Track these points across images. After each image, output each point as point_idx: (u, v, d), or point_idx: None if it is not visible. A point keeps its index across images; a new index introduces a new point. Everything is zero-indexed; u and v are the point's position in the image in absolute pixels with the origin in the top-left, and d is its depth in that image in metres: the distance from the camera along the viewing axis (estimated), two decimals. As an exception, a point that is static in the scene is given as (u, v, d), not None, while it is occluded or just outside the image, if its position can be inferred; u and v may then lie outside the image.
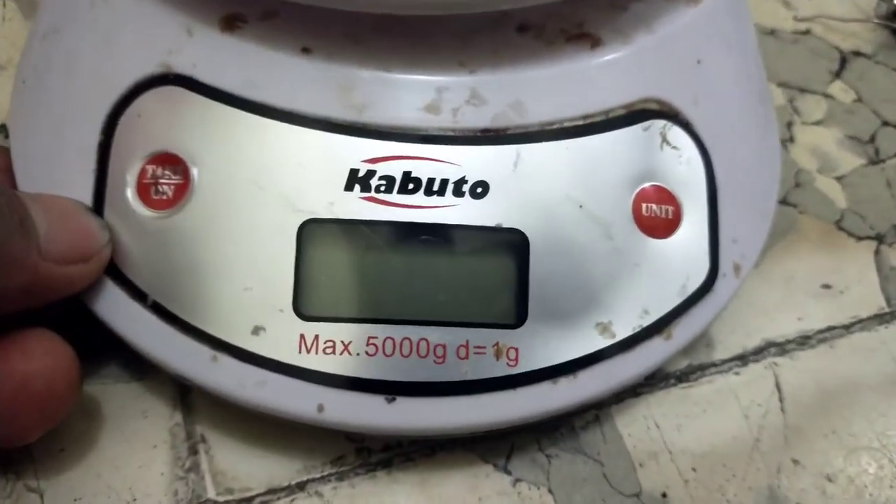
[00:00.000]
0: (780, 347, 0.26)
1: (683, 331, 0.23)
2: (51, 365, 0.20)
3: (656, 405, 0.25)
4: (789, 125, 0.32)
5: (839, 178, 0.30)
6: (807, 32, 0.35)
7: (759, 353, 0.26)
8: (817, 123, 0.32)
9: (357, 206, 0.21)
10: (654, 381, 0.25)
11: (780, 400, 0.25)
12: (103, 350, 0.24)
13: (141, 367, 0.24)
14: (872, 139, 0.32)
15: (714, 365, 0.26)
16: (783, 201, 0.29)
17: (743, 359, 0.26)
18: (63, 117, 0.23)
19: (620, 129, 0.23)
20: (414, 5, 0.20)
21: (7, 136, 0.24)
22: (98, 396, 0.24)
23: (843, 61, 0.34)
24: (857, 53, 0.35)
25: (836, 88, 0.33)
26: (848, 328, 0.27)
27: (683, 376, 0.26)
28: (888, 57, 0.35)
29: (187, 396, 0.24)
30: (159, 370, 0.24)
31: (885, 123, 0.32)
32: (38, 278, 0.18)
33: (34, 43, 0.24)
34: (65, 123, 0.23)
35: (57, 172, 0.23)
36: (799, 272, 0.28)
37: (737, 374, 0.26)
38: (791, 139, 0.31)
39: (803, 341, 0.26)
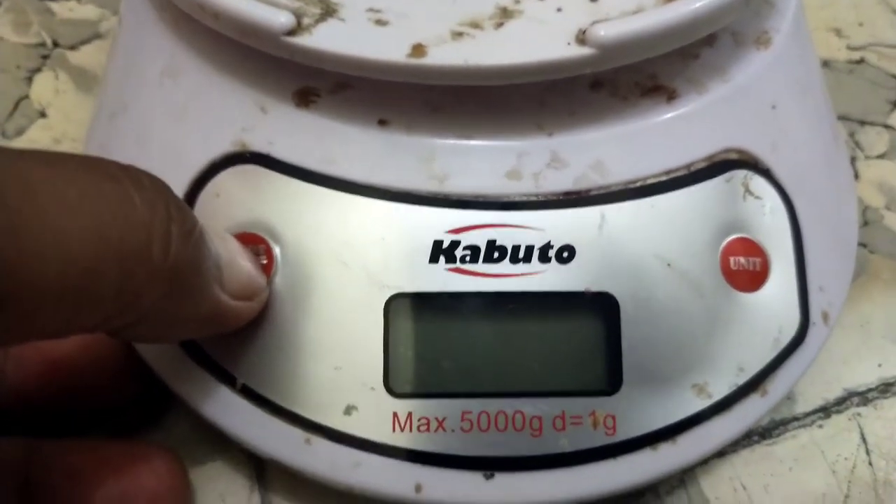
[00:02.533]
0: (862, 396, 0.27)
1: (778, 385, 0.23)
2: (175, 483, 0.21)
3: (741, 465, 0.25)
4: (853, 160, 0.32)
5: (909, 214, 0.31)
6: (861, 62, 0.36)
7: (840, 403, 0.27)
8: (881, 157, 0.33)
9: (443, 279, 0.22)
10: (738, 439, 0.26)
11: (867, 452, 0.26)
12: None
13: (214, 447, 0.25)
14: (938, 170, 0.32)
15: (796, 419, 0.26)
16: (855, 241, 0.30)
17: (825, 410, 0.26)
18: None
19: (703, 182, 0.23)
20: (489, 76, 0.21)
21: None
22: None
23: (900, 90, 0.35)
24: (914, 81, 0.35)
25: (896, 119, 0.34)
26: (932, 373, 0.27)
27: (766, 432, 0.26)
28: (945, 82, 0.35)
29: (263, 475, 0.25)
30: (233, 449, 0.24)
31: (951, 153, 0.33)
32: (218, 310, 0.19)
33: (101, 122, 0.25)
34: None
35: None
36: (874, 316, 0.28)
37: (820, 427, 0.26)
38: (856, 175, 0.32)
39: (885, 389, 0.27)
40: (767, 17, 0.26)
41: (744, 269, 0.23)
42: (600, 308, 0.22)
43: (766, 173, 0.24)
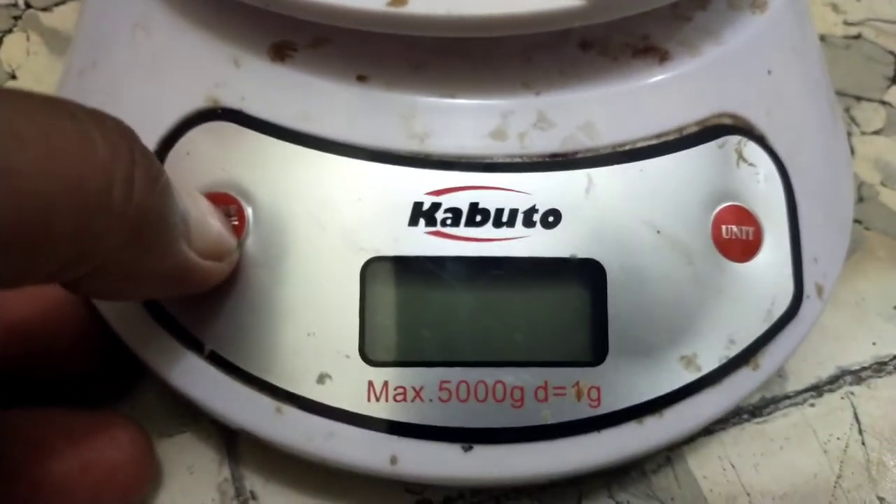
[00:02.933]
0: (856, 375, 0.26)
1: (770, 359, 0.22)
2: (137, 455, 0.21)
3: (731, 444, 0.25)
4: (849, 136, 0.32)
5: (906, 191, 0.30)
6: (858, 37, 0.35)
7: (833, 382, 0.26)
8: (877, 133, 0.32)
9: (423, 242, 0.21)
10: (726, 417, 0.25)
11: (860, 432, 0.25)
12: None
13: (182, 419, 0.24)
14: (936, 147, 0.32)
15: (788, 397, 0.26)
16: (850, 217, 0.29)
17: (818, 389, 0.26)
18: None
19: (695, 147, 0.23)
20: (472, 27, 0.20)
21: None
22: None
23: (898, 66, 0.34)
24: (912, 57, 0.35)
25: (894, 94, 0.33)
26: (928, 352, 0.27)
27: (757, 411, 0.25)
28: (943, 59, 0.35)
29: (234, 449, 0.24)
30: (203, 421, 0.24)
31: (948, 130, 0.32)
32: (185, 267, 0.18)
33: (69, 79, 0.24)
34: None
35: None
36: (869, 294, 0.28)
37: (812, 405, 0.25)
38: (851, 151, 0.31)
39: (879, 368, 0.26)
40: (763, -20, 0.26)
41: (736, 237, 0.22)
42: (586, 275, 0.21)
43: (761, 140, 0.23)
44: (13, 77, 0.30)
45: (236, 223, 0.21)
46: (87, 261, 0.15)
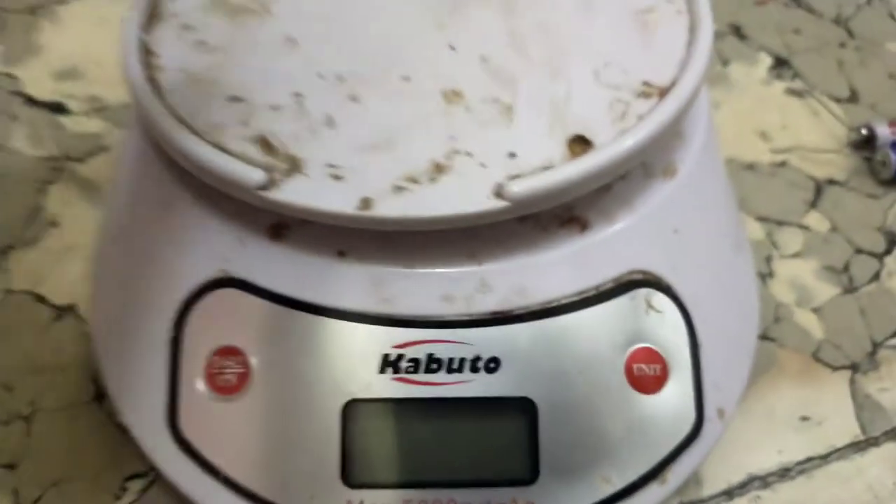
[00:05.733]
0: (763, 480, 0.32)
1: (676, 475, 0.29)
2: None
3: (656, 541, 0.31)
4: (768, 259, 0.38)
5: (815, 310, 0.37)
6: (783, 164, 0.42)
7: (743, 487, 0.32)
8: (795, 256, 0.38)
9: (390, 387, 0.28)
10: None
11: (766, 530, 0.31)
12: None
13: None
14: (846, 268, 0.38)
15: (702, 501, 0.32)
16: (763, 336, 0.36)
17: (729, 494, 0.32)
18: (137, 308, 0.30)
19: (610, 301, 0.29)
20: (422, 225, 0.27)
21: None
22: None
23: (819, 190, 0.41)
24: (832, 182, 0.41)
25: (813, 219, 0.40)
26: (825, 458, 0.33)
27: (674, 515, 0.32)
28: (860, 183, 0.41)
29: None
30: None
31: (859, 251, 0.39)
32: None
33: (105, 245, 0.31)
34: (140, 315, 0.29)
35: (134, 358, 0.29)
36: (779, 406, 0.34)
37: (723, 508, 0.32)
38: (770, 274, 0.38)
39: (784, 473, 0.32)
40: (676, 150, 0.32)
41: (645, 374, 0.29)
42: (521, 410, 0.28)
43: (667, 290, 0.30)
44: (55, 224, 0.38)
45: (243, 371, 0.28)
46: None
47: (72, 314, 0.35)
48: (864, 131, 0.42)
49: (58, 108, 0.41)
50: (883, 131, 0.42)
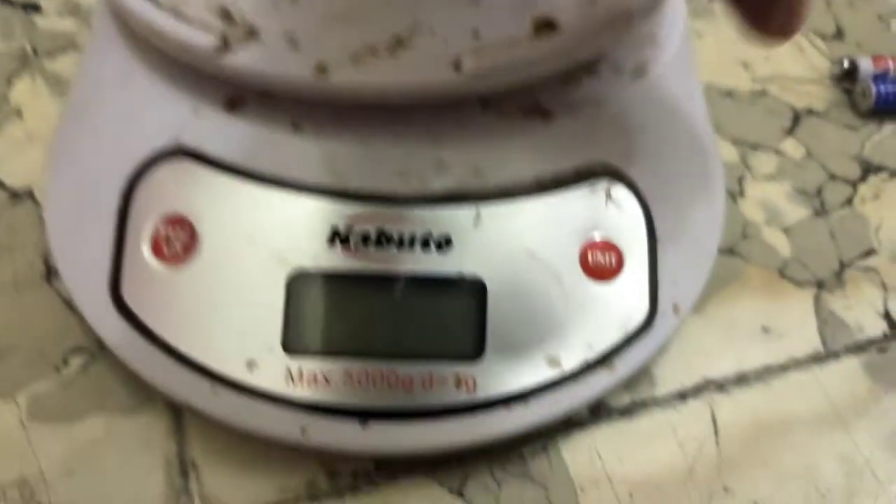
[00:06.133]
0: (719, 385, 0.32)
1: (625, 364, 0.28)
2: None
3: (600, 437, 0.30)
4: (740, 180, 0.38)
5: (785, 230, 0.36)
6: (763, 93, 0.41)
7: (698, 390, 0.32)
8: (768, 178, 0.38)
9: (338, 259, 0.27)
10: (599, 414, 0.31)
11: (716, 433, 0.31)
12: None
13: (142, 401, 0.30)
14: (819, 192, 0.38)
15: (655, 400, 0.31)
16: (730, 251, 0.35)
17: (683, 395, 0.32)
18: (89, 183, 0.29)
19: (569, 189, 0.29)
20: (374, 95, 0.26)
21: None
22: (105, 426, 0.30)
23: (797, 118, 0.41)
24: (811, 111, 0.41)
25: (788, 145, 0.39)
26: (784, 368, 0.32)
27: (626, 411, 0.31)
28: (840, 114, 0.41)
29: (181, 427, 0.30)
30: (156, 401, 0.30)
31: (833, 177, 0.38)
32: None
33: (68, 122, 0.31)
34: (90, 188, 0.29)
35: (83, 230, 0.29)
36: (740, 317, 0.33)
37: (676, 409, 0.31)
38: (741, 193, 0.37)
39: (741, 380, 0.32)
40: (648, 50, 0.32)
41: (600, 263, 0.29)
42: (470, 290, 0.27)
43: (629, 183, 0.29)
44: (19, 114, 0.37)
45: (189, 240, 0.28)
46: None
47: (29, 198, 0.35)
48: (846, 63, 0.42)
49: (32, 7, 0.41)
50: (865, 64, 0.42)
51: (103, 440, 0.30)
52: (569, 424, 0.30)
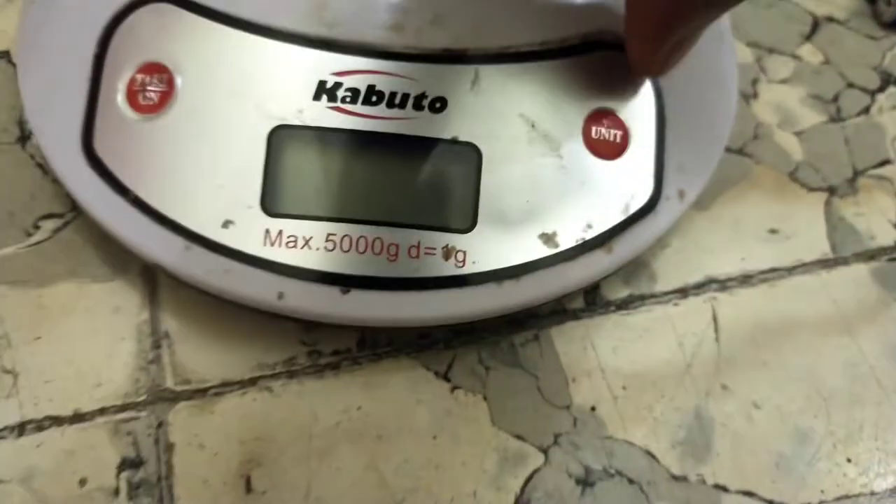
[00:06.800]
0: (721, 284, 0.30)
1: (624, 247, 0.26)
2: None
3: (594, 328, 0.29)
4: (754, 82, 0.35)
5: (798, 133, 0.34)
6: (783, -2, 0.39)
7: (699, 287, 0.30)
8: (783, 82, 0.36)
9: (323, 115, 0.25)
10: (595, 307, 0.29)
11: (716, 331, 0.29)
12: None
13: (114, 267, 0.28)
14: (836, 99, 0.36)
15: (654, 296, 0.29)
16: (739, 151, 0.33)
17: (683, 292, 0.30)
18: (64, 32, 0.27)
19: (576, 56, 0.26)
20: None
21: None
22: (76, 292, 0.28)
23: (816, 25, 0.38)
24: (831, 19, 0.38)
25: (805, 50, 0.37)
26: (790, 270, 0.30)
27: (624, 304, 0.29)
28: (860, 24, 0.39)
29: (156, 295, 0.28)
30: (131, 271, 0.28)
31: (850, 85, 0.36)
32: None
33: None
34: (66, 37, 0.27)
35: (58, 80, 0.26)
36: (748, 217, 0.31)
37: (676, 304, 0.29)
38: (755, 95, 0.35)
39: (745, 279, 0.30)
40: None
41: (604, 139, 0.26)
42: (464, 156, 0.25)
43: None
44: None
45: (166, 89, 0.25)
46: None
47: (4, 59, 0.32)
48: (871, -28, 0.39)
49: None
50: (892, -28, 0.39)
51: (73, 306, 0.28)
52: (562, 314, 0.28)
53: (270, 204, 0.25)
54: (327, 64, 0.25)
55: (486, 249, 0.25)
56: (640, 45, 0.24)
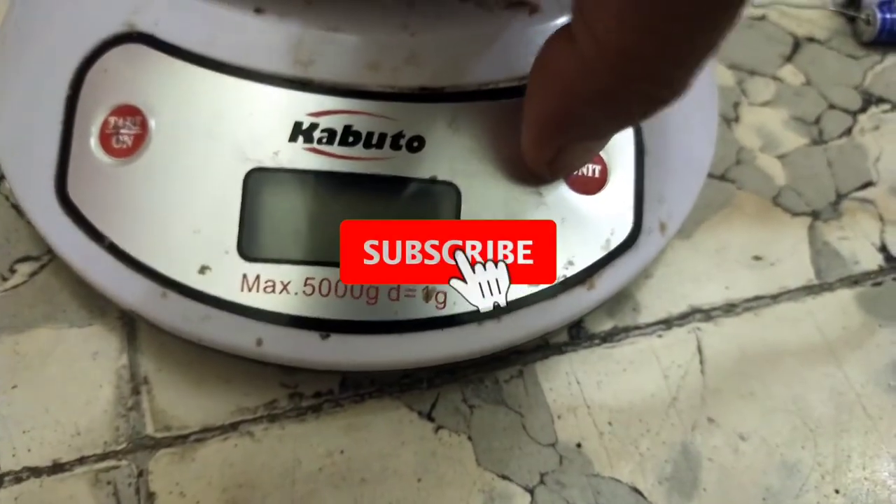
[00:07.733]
0: (706, 314, 0.29)
1: (606, 282, 0.26)
2: None
3: (579, 363, 0.28)
4: (736, 105, 0.35)
5: (781, 157, 0.34)
6: (762, 18, 0.38)
7: (683, 318, 0.29)
8: (765, 104, 0.35)
9: (300, 156, 0.24)
10: (579, 340, 0.29)
11: (701, 362, 0.29)
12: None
13: (93, 313, 0.28)
14: (818, 120, 0.35)
15: (638, 327, 0.29)
16: (722, 177, 0.33)
17: (667, 323, 0.29)
18: (35, 73, 0.26)
19: (553, 92, 0.26)
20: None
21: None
22: (53, 338, 0.27)
23: (797, 45, 0.38)
24: (811, 39, 0.38)
25: (787, 72, 0.37)
26: (775, 298, 0.30)
27: (608, 337, 0.29)
28: (841, 43, 0.38)
29: (135, 339, 0.27)
30: (109, 316, 0.27)
31: (832, 106, 0.36)
32: None
33: (15, 7, 0.28)
34: (37, 79, 0.26)
35: (30, 124, 0.26)
36: (731, 244, 0.31)
37: (660, 336, 0.29)
38: (736, 119, 0.35)
39: (729, 308, 0.30)
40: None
41: (583, 174, 0.26)
42: (443, 195, 0.25)
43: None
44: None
45: (140, 132, 0.25)
46: None
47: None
48: (850, -10, 0.39)
49: None
50: (871, -9, 0.39)
51: (50, 352, 0.27)
52: (546, 349, 0.28)
53: (247, 248, 0.24)
54: (303, 104, 0.25)
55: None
56: (528, 145, 0.24)
